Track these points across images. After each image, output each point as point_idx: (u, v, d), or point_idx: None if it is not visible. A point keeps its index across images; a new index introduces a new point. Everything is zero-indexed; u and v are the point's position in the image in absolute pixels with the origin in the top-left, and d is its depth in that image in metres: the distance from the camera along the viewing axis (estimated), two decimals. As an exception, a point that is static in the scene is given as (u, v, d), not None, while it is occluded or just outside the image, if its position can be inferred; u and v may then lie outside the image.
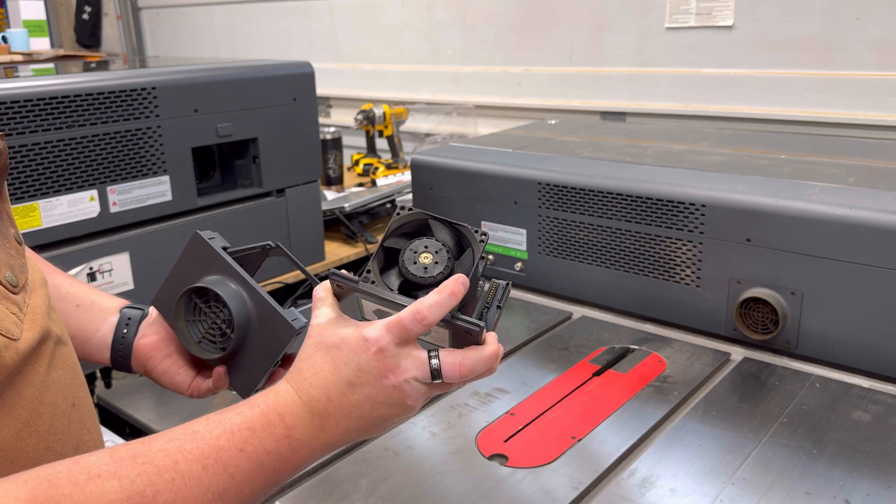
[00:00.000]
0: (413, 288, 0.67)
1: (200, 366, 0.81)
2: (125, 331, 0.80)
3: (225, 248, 0.79)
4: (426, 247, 0.67)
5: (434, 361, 0.63)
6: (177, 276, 0.80)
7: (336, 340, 0.62)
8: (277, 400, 0.60)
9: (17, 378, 0.54)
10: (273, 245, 0.82)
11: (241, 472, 0.56)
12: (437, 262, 0.67)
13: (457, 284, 0.63)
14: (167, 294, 0.80)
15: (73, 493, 0.48)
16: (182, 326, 0.78)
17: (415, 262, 0.66)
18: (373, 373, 0.61)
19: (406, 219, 0.69)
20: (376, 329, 0.62)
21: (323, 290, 0.67)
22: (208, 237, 0.78)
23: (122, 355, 0.80)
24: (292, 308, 0.79)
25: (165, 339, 0.81)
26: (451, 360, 0.63)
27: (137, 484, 0.50)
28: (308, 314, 0.69)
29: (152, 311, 0.82)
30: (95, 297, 0.82)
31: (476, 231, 0.68)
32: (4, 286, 0.55)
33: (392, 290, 0.67)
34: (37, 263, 0.73)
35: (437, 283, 0.65)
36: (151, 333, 0.81)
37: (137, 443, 0.54)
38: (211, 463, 0.55)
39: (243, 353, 0.77)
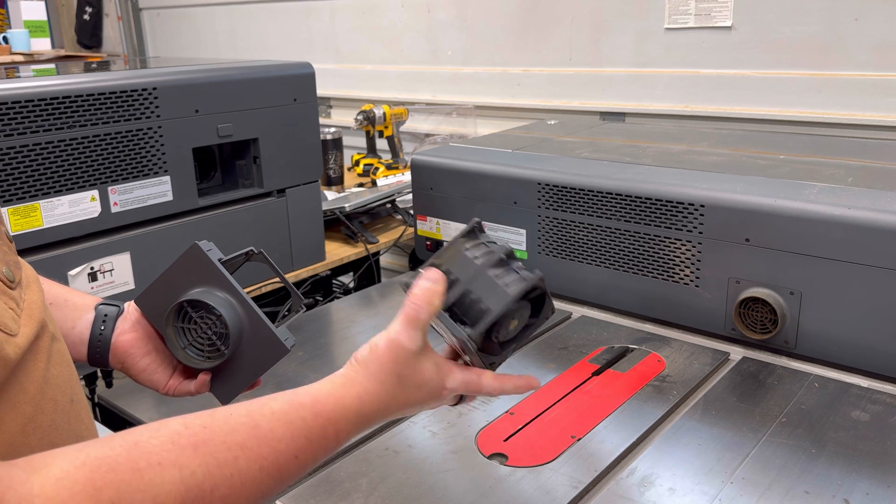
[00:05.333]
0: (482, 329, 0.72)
1: (177, 365, 0.82)
2: (102, 328, 0.80)
3: (220, 260, 0.80)
4: (518, 318, 0.72)
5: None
6: (168, 282, 0.80)
7: (420, 381, 0.68)
8: (343, 414, 0.63)
9: (19, 373, 0.54)
10: (256, 251, 0.83)
11: (290, 475, 0.59)
12: (516, 336, 0.72)
13: (529, 386, 0.73)
14: (155, 297, 0.81)
15: (133, 480, 0.48)
16: (171, 332, 0.79)
17: (508, 328, 0.71)
18: (431, 403, 0.70)
19: (534, 286, 0.72)
20: (457, 381, 0.69)
21: (426, 313, 0.67)
22: (206, 249, 0.79)
23: (99, 352, 0.80)
24: (284, 326, 0.80)
25: (144, 338, 0.81)
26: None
27: (198, 476, 0.51)
28: (293, 329, 0.74)
29: (128, 309, 0.83)
30: (69, 296, 0.82)
31: (552, 311, 0.74)
32: (2, 281, 0.56)
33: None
34: None
35: (501, 345, 0.72)
36: (129, 331, 0.81)
37: (199, 426, 0.54)
38: (268, 465, 0.56)
39: (230, 364, 0.79)
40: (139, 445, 0.50)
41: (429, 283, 0.67)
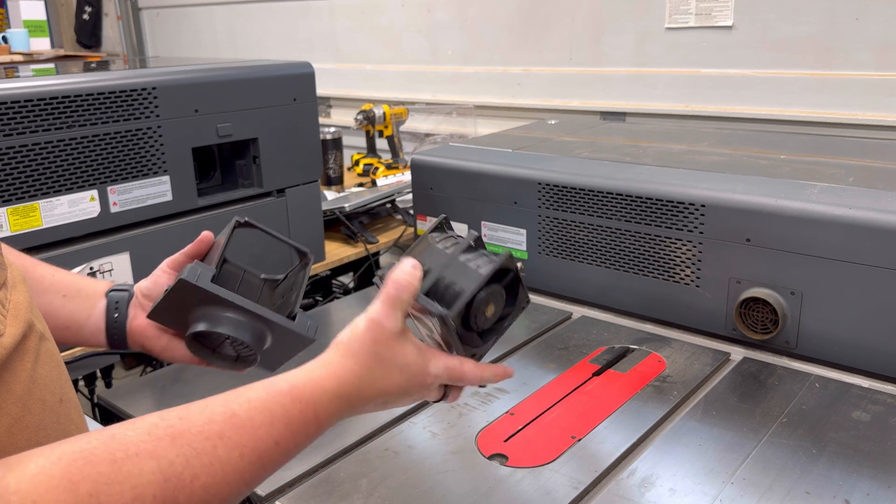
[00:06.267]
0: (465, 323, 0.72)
1: None
2: (116, 315, 0.82)
3: (213, 277, 0.77)
4: (494, 303, 0.72)
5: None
6: (172, 304, 0.78)
7: (402, 363, 0.67)
8: (322, 396, 0.62)
9: (4, 374, 0.54)
10: (242, 221, 0.84)
11: (273, 462, 0.59)
12: (494, 327, 0.74)
13: (505, 374, 0.74)
14: (165, 314, 0.80)
15: (110, 472, 0.48)
16: (195, 349, 0.79)
17: (485, 314, 0.72)
18: (415, 390, 0.69)
19: (503, 265, 0.73)
20: (440, 366, 0.69)
21: (407, 294, 0.67)
22: (194, 279, 0.75)
23: (117, 337, 0.82)
24: (301, 314, 0.79)
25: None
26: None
27: (176, 466, 0.51)
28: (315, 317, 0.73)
29: (138, 293, 0.84)
30: (81, 285, 0.84)
31: (527, 301, 0.75)
32: None
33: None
34: (15, 258, 0.76)
35: (481, 336, 0.73)
36: (142, 314, 0.83)
37: (175, 418, 0.54)
38: (248, 452, 0.56)
39: (265, 353, 0.80)
40: (115, 438, 0.50)
41: (408, 268, 0.68)
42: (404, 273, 0.67)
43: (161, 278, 0.85)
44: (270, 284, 0.87)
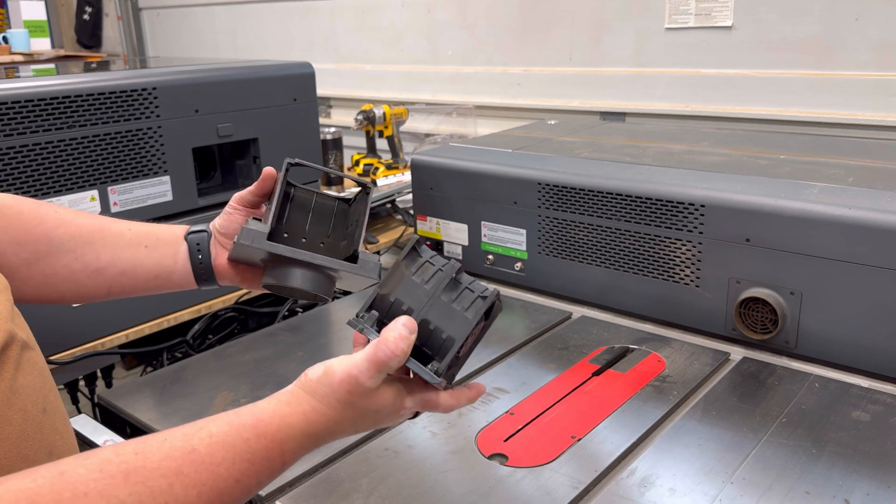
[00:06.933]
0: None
1: None
2: (200, 257, 0.84)
3: (273, 233, 0.79)
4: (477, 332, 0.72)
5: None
6: (242, 259, 0.84)
7: (377, 408, 0.65)
8: (289, 433, 0.61)
9: None
10: (293, 162, 0.85)
11: (233, 500, 0.56)
12: (472, 349, 0.73)
13: (479, 394, 0.72)
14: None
15: None
16: (275, 290, 0.82)
17: (468, 346, 0.71)
18: (388, 420, 0.69)
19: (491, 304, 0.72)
20: (416, 400, 0.68)
21: (396, 363, 0.64)
22: (249, 241, 0.77)
23: (205, 277, 0.85)
24: (363, 253, 0.79)
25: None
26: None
27: None
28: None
29: (215, 231, 0.86)
30: (159, 233, 0.86)
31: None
32: None
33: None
34: (88, 219, 0.80)
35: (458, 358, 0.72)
36: (223, 253, 0.85)
37: (130, 453, 0.52)
38: (207, 490, 0.53)
39: (344, 284, 0.84)
40: (64, 475, 0.47)
41: (406, 332, 0.64)
42: (400, 340, 0.63)
43: (233, 215, 0.86)
44: (342, 205, 0.88)
